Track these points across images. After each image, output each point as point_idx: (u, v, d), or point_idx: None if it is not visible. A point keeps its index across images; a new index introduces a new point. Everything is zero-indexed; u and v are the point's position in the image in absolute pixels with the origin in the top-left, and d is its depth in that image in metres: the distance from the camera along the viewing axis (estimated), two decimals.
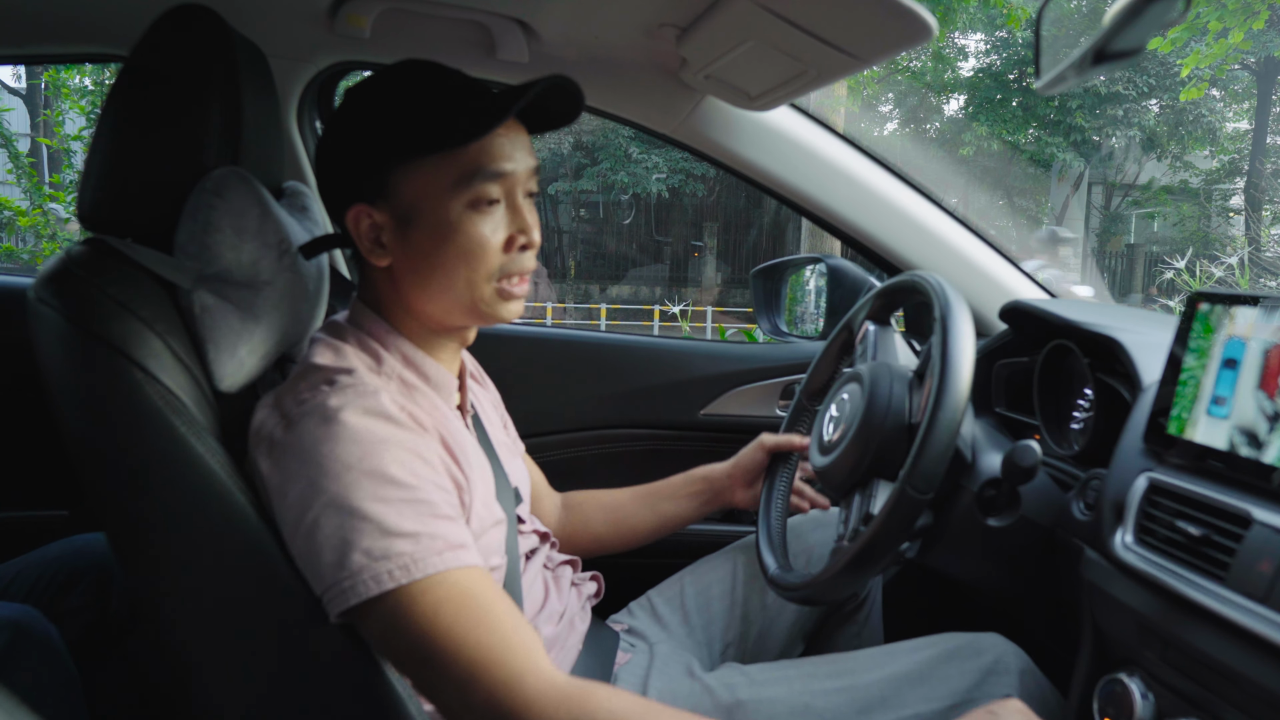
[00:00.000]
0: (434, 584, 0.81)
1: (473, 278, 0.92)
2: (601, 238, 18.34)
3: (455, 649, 0.80)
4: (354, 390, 0.86)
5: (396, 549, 0.80)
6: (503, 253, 0.94)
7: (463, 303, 0.94)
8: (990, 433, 1.23)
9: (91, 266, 0.86)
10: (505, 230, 0.94)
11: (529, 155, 0.95)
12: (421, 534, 0.82)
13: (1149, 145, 15.89)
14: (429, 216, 0.91)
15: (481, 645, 0.80)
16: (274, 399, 0.90)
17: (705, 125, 1.57)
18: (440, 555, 0.82)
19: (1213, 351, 0.89)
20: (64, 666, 1.06)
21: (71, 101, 6.56)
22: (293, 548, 0.83)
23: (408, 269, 0.94)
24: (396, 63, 0.96)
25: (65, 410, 0.85)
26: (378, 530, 0.80)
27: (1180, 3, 0.70)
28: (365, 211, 0.92)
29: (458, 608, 0.81)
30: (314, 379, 0.89)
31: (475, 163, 0.90)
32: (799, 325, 1.90)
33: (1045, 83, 0.93)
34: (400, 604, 0.80)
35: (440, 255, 0.92)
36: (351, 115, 0.94)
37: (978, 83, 16.32)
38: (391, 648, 0.83)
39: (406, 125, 0.90)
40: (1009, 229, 16.79)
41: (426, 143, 0.89)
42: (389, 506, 0.81)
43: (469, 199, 0.90)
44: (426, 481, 0.85)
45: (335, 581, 0.80)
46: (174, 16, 0.93)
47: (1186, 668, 0.82)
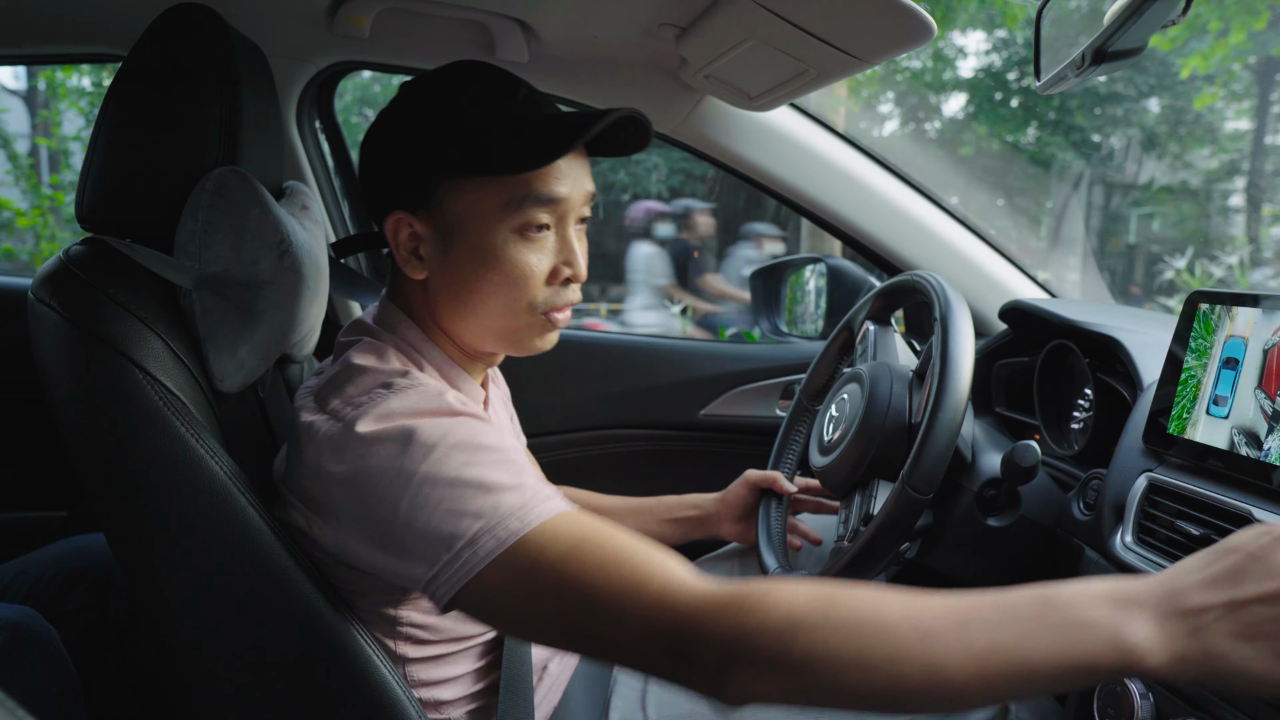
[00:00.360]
0: (552, 530, 0.74)
1: (512, 307, 0.89)
2: (602, 237, 18.33)
3: (594, 587, 0.71)
4: (417, 391, 0.82)
5: (507, 503, 0.75)
6: (545, 285, 0.89)
7: (496, 330, 0.91)
8: (990, 433, 1.23)
9: (91, 267, 0.86)
10: (551, 260, 0.89)
11: (587, 179, 0.90)
12: (524, 485, 0.77)
13: (1149, 145, 15.88)
14: (472, 237, 0.86)
15: (621, 576, 0.71)
16: (315, 401, 0.86)
17: (705, 125, 1.57)
18: (547, 502, 0.76)
19: (1213, 351, 0.89)
20: (64, 667, 1.05)
21: (70, 102, 6.57)
22: (386, 547, 0.77)
23: (444, 287, 0.90)
24: (455, 64, 0.91)
25: (64, 411, 0.85)
26: (481, 491, 0.75)
27: (1180, 2, 0.70)
28: (406, 220, 0.88)
29: (585, 548, 0.73)
30: (363, 382, 0.84)
31: (528, 186, 0.85)
32: (799, 325, 1.90)
33: (1045, 83, 0.93)
34: (527, 557, 0.73)
35: (479, 279, 0.87)
36: (403, 117, 0.89)
37: (978, 82, 16.31)
38: (525, 612, 0.74)
39: (461, 142, 0.85)
40: (1009, 229, 16.78)
41: (482, 164, 0.85)
42: (485, 468, 0.77)
43: (518, 224, 0.86)
44: (510, 446, 0.81)
45: (452, 556, 0.74)
46: (173, 16, 0.93)
47: None
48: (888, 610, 0.64)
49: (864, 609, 0.64)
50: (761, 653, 0.64)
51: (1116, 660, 0.60)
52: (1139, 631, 0.60)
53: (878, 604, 0.65)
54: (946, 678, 0.62)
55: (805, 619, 0.64)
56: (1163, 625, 0.60)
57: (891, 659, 0.62)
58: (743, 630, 0.65)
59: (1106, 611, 0.61)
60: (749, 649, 0.64)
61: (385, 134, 0.90)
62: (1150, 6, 0.69)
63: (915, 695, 0.62)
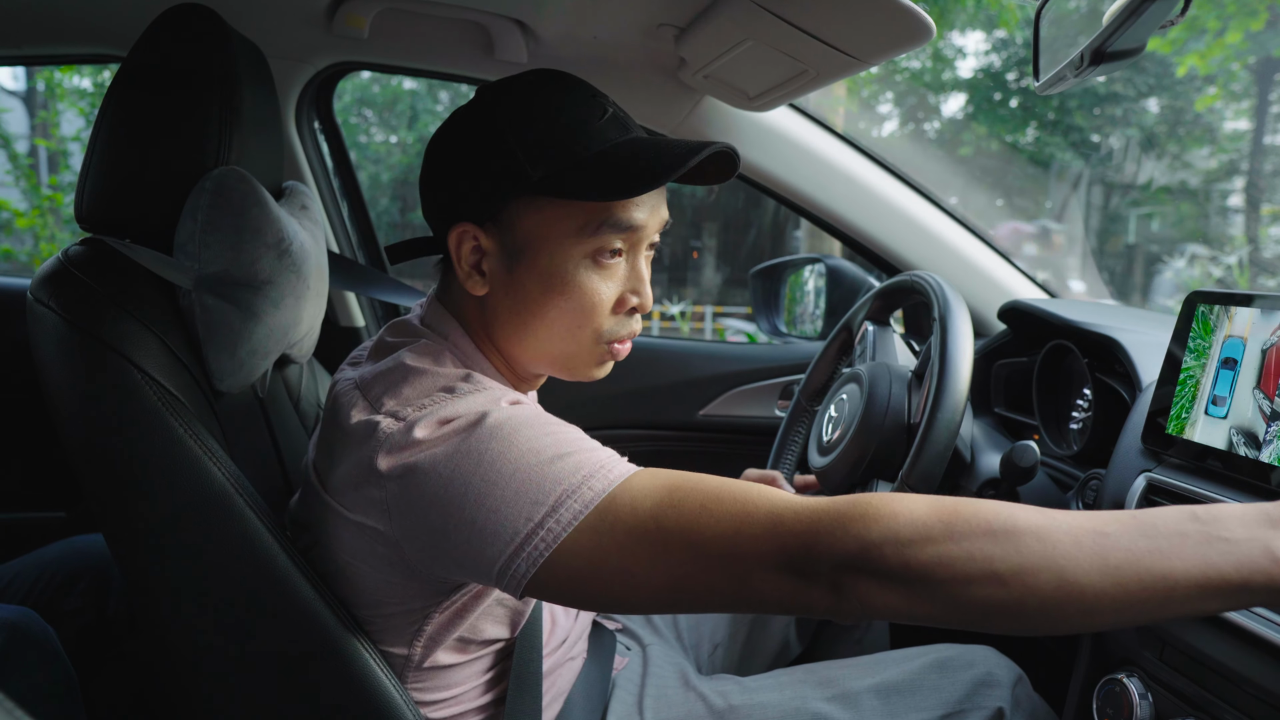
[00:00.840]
0: (639, 483, 0.71)
1: (575, 334, 0.86)
2: None
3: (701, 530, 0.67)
4: (483, 395, 0.79)
5: (587, 463, 0.72)
6: (611, 313, 0.86)
7: (555, 355, 0.88)
8: (989, 433, 1.23)
9: (90, 267, 0.86)
10: (620, 288, 0.86)
11: (662, 206, 0.87)
12: (596, 448, 0.75)
13: (1148, 145, 15.89)
14: (543, 259, 0.83)
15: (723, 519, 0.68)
16: (364, 400, 0.82)
17: (704, 125, 1.57)
18: (622, 461, 0.74)
19: (1211, 351, 0.89)
20: (62, 668, 1.05)
21: (69, 102, 6.56)
22: (459, 527, 0.72)
23: (504, 305, 0.86)
24: (538, 73, 0.87)
25: (63, 411, 0.85)
26: (558, 457, 0.72)
27: (1179, 3, 0.70)
28: (472, 233, 0.84)
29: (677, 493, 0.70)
30: (422, 384, 0.81)
31: (607, 211, 0.82)
32: (798, 325, 1.90)
33: (1044, 83, 0.93)
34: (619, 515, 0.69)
35: (545, 303, 0.84)
36: (481, 124, 0.84)
37: (977, 83, 16.32)
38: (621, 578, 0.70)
39: (545, 161, 0.81)
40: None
41: (565, 188, 0.81)
42: (556, 437, 0.74)
43: (592, 249, 0.83)
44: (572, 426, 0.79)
45: (536, 524, 0.70)
46: (173, 16, 0.93)
47: (1185, 668, 0.82)
48: (1017, 520, 0.61)
49: (992, 519, 0.62)
50: (885, 563, 0.62)
51: (1270, 578, 0.58)
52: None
53: (1007, 514, 0.62)
54: (1079, 591, 0.59)
55: (932, 528, 0.62)
56: None
57: (1021, 569, 0.60)
58: (865, 540, 0.62)
59: (1258, 529, 0.59)
60: (872, 559, 0.62)
61: (459, 140, 0.85)
62: (1149, 7, 0.69)
63: (1045, 610, 0.60)
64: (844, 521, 0.64)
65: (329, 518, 0.83)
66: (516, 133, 0.82)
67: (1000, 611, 0.61)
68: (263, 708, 0.87)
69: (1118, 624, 0.61)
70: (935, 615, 0.62)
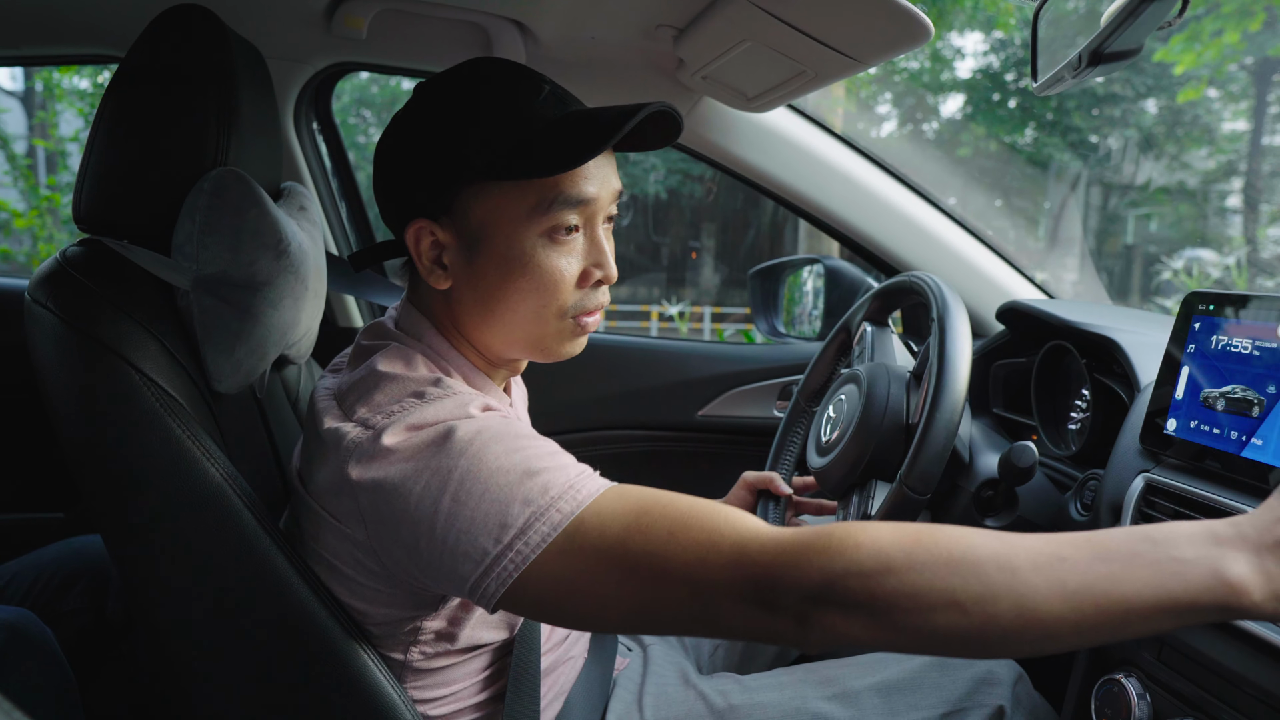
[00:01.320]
0: (609, 504, 0.71)
1: (541, 313, 0.86)
2: None
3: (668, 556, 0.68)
4: (451, 400, 0.79)
5: (556, 483, 0.72)
6: (576, 288, 0.86)
7: (525, 337, 0.88)
8: (988, 433, 1.23)
9: (88, 268, 0.86)
10: (581, 262, 0.86)
11: (614, 177, 0.87)
12: (568, 465, 0.74)
13: (1146, 146, 15.90)
14: (500, 243, 0.83)
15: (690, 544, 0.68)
16: (339, 408, 0.83)
17: (703, 126, 1.57)
18: (592, 479, 0.74)
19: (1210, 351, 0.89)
20: (60, 669, 1.05)
21: (68, 103, 6.56)
22: (430, 545, 0.73)
23: (469, 295, 0.87)
24: (470, 63, 0.87)
25: (61, 412, 0.85)
26: (527, 476, 0.72)
27: (1176, 4, 0.70)
28: (428, 228, 0.85)
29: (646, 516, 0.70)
30: (392, 390, 0.81)
31: (557, 188, 0.82)
32: (796, 326, 1.90)
33: (1042, 84, 0.93)
34: (587, 537, 0.70)
35: (508, 286, 0.84)
36: (420, 121, 0.85)
37: (975, 83, 16.33)
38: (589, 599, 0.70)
39: (486, 145, 0.81)
40: (1006, 229, 16.79)
41: (509, 168, 0.81)
42: (525, 453, 0.74)
43: (547, 227, 0.83)
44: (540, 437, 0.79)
45: (504, 546, 0.70)
46: (171, 17, 0.93)
47: (1183, 668, 0.82)
48: (977, 549, 0.62)
49: (953, 548, 0.63)
50: (850, 594, 0.62)
51: (1216, 597, 0.59)
52: (1237, 567, 0.59)
53: (967, 542, 0.63)
54: (1039, 616, 0.60)
55: (894, 559, 0.62)
56: (1260, 560, 0.60)
57: (982, 598, 0.61)
58: (829, 572, 0.63)
59: (1205, 549, 0.60)
60: (836, 591, 0.62)
61: (402, 139, 0.86)
62: (1147, 8, 0.69)
63: (1007, 635, 0.61)
64: (808, 554, 0.64)
65: (316, 523, 0.84)
66: (456, 123, 0.82)
67: (962, 639, 0.62)
68: (260, 708, 0.87)
69: (1078, 646, 0.62)
70: (900, 643, 0.63)
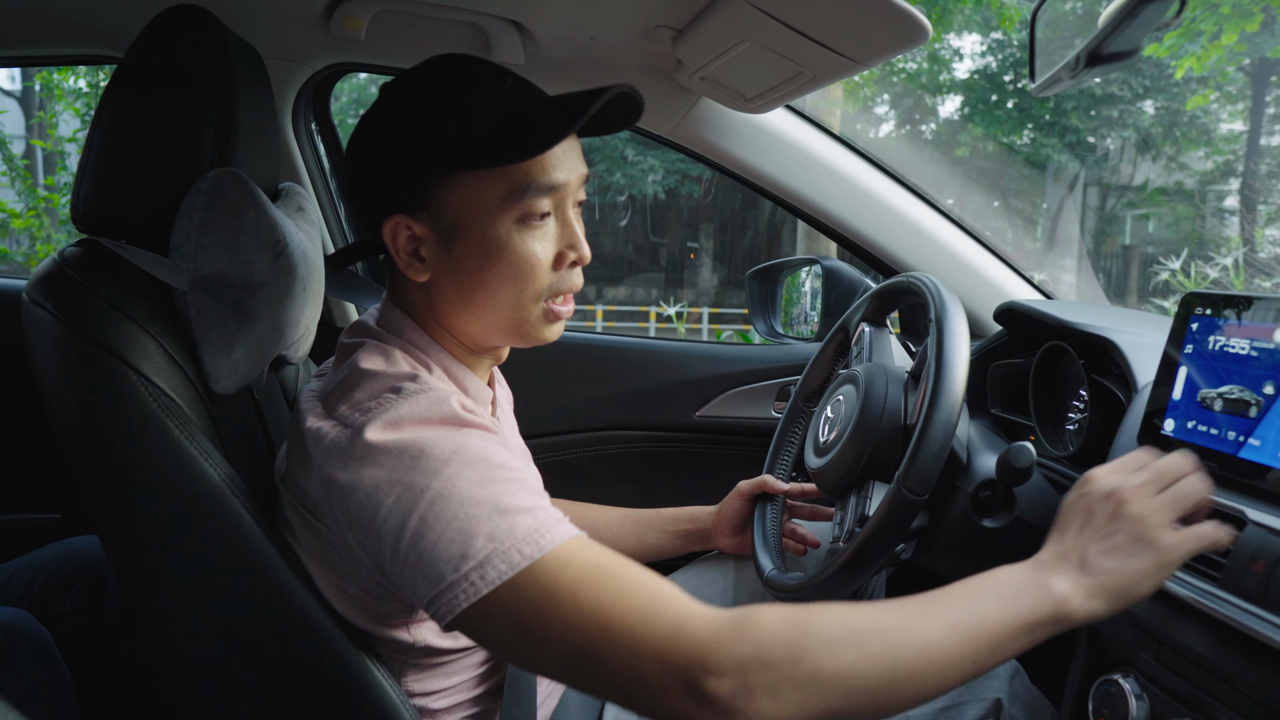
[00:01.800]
0: (564, 556, 0.73)
1: (520, 298, 0.88)
2: (598, 239, 18.35)
3: (609, 617, 0.70)
4: (426, 396, 0.81)
5: (521, 525, 0.74)
6: (552, 271, 0.89)
7: (505, 323, 0.90)
8: (985, 434, 1.23)
9: (85, 268, 0.86)
10: (555, 246, 0.89)
11: (580, 162, 0.90)
12: (536, 508, 0.76)
13: (1144, 146, 15.93)
14: (475, 232, 0.85)
15: (635, 606, 0.71)
16: (322, 406, 0.85)
17: (701, 127, 1.57)
18: (559, 526, 0.75)
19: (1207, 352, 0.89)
20: (57, 670, 1.05)
21: (66, 103, 6.55)
22: (394, 559, 0.75)
23: (449, 286, 0.89)
24: (435, 59, 0.89)
25: (59, 412, 0.85)
26: (495, 510, 0.74)
27: (1174, 4, 0.70)
28: (404, 223, 0.87)
29: (598, 575, 0.73)
30: (371, 386, 0.83)
31: (527, 175, 0.84)
32: (794, 327, 1.90)
33: (1040, 85, 0.94)
34: (538, 584, 0.72)
35: (486, 274, 0.86)
36: (391, 119, 0.87)
37: (973, 84, 16.35)
38: (534, 639, 0.73)
39: (454, 138, 0.84)
40: (1004, 230, 16.82)
41: (478, 157, 0.83)
42: (498, 486, 0.76)
43: (520, 214, 0.85)
44: (519, 463, 0.81)
45: (460, 576, 0.72)
46: (169, 17, 0.93)
47: (1181, 668, 0.82)
48: (870, 609, 0.72)
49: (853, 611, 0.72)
50: (774, 671, 0.67)
51: (1052, 611, 0.72)
52: (1058, 584, 0.73)
53: (861, 606, 0.73)
54: (934, 653, 0.70)
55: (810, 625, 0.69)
56: (1068, 574, 0.74)
57: (887, 647, 0.69)
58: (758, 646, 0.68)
59: (1031, 576, 0.74)
60: (765, 664, 0.67)
61: (373, 138, 0.88)
62: (1144, 9, 0.70)
63: (913, 678, 0.69)
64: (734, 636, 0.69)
65: (303, 523, 0.84)
66: (426, 118, 0.85)
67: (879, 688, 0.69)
68: (257, 707, 0.87)
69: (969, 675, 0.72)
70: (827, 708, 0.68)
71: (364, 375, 0.84)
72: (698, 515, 1.31)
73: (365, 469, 0.77)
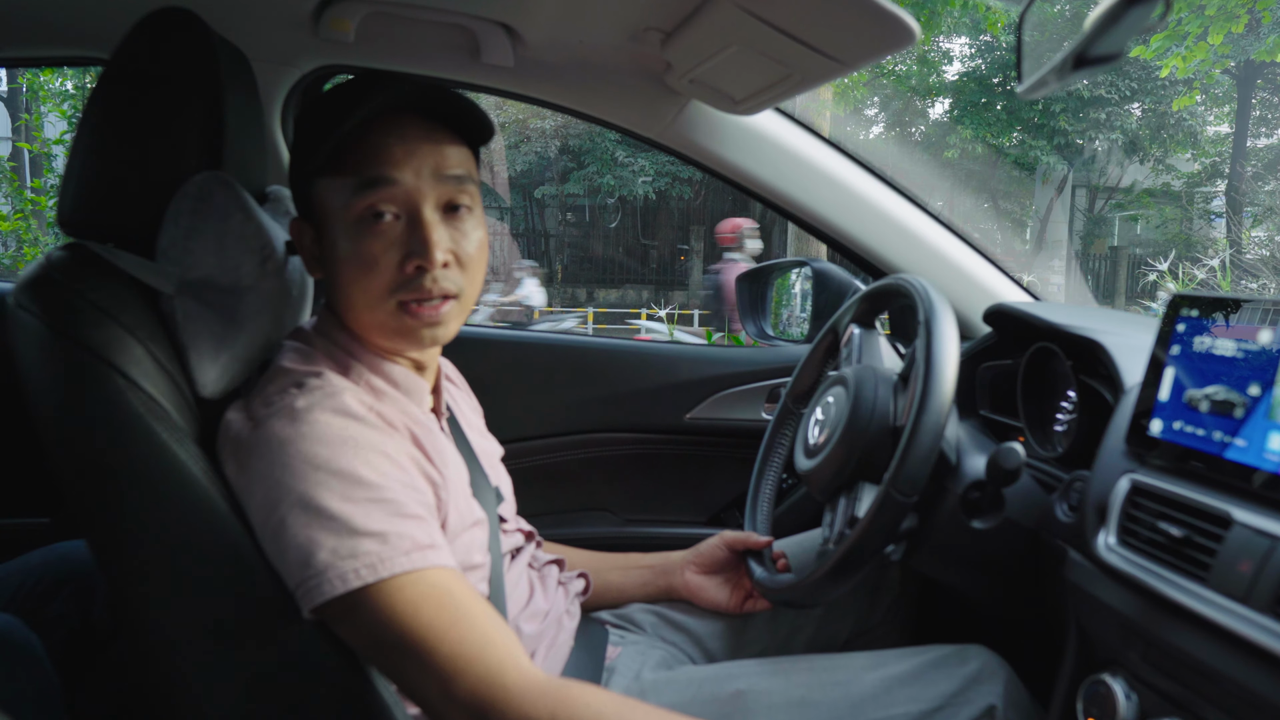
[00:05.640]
0: (405, 584, 0.80)
1: (367, 298, 0.90)
2: (588, 241, 18.35)
3: (433, 646, 0.79)
4: (321, 391, 0.86)
5: (363, 548, 0.80)
6: (398, 272, 0.89)
7: (370, 323, 0.93)
8: (974, 435, 1.24)
9: (72, 272, 0.86)
10: (400, 249, 0.89)
11: (435, 163, 0.90)
12: (389, 533, 0.81)
13: (1131, 148, 16.02)
14: (331, 233, 0.91)
15: (462, 642, 0.80)
16: (243, 403, 0.90)
17: (691, 129, 1.57)
18: (408, 555, 0.81)
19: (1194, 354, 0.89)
20: (45, 675, 1.05)
21: (52, 105, 6.52)
22: (263, 546, 0.83)
23: (329, 284, 0.95)
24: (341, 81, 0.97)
25: (46, 417, 0.84)
26: (345, 529, 0.80)
27: (1159, 7, 0.70)
28: (304, 226, 0.95)
29: (434, 606, 0.80)
30: (282, 381, 0.89)
31: (363, 173, 0.88)
32: (784, 329, 1.91)
33: (1027, 87, 0.94)
34: (371, 602, 0.79)
35: (341, 272, 0.91)
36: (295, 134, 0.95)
37: (962, 86, 16.42)
38: (367, 646, 0.82)
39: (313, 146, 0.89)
40: (993, 232, 16.89)
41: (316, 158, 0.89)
42: (355, 506, 0.81)
43: (357, 213, 0.88)
44: (394, 480, 0.85)
45: (302, 580, 0.80)
46: (155, 20, 0.93)
47: (1169, 668, 0.83)
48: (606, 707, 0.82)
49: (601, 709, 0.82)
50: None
51: None
52: None
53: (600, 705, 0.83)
54: None
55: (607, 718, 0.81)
56: None
57: None
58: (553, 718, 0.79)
59: None
60: None
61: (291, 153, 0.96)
62: (1130, 11, 0.70)
63: None
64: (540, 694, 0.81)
65: None
66: (300, 129, 0.93)
67: None
68: (247, 710, 0.87)
69: None
70: None
71: (278, 372, 0.91)
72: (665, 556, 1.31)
73: (248, 461, 0.83)
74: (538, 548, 1.19)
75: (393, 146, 0.88)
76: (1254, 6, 7.52)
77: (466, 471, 1.02)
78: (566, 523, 1.79)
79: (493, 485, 1.08)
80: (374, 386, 0.94)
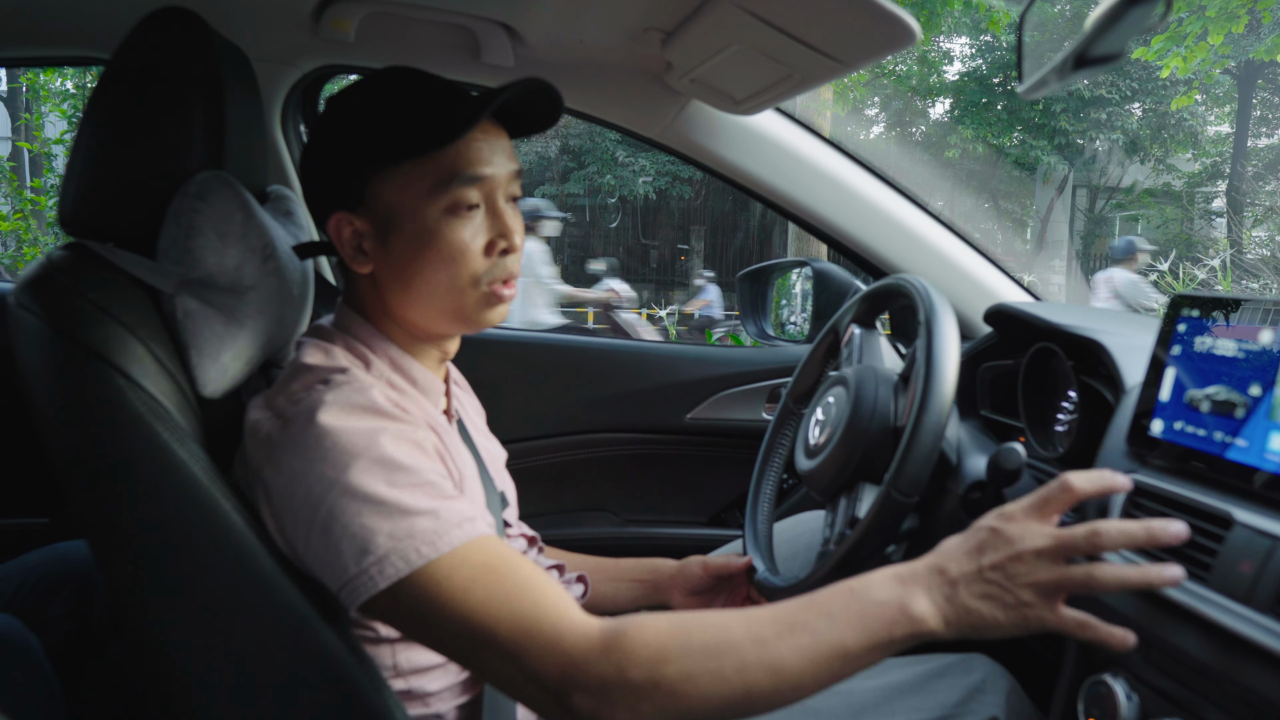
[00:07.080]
0: (461, 558, 0.80)
1: (454, 284, 0.92)
2: (589, 241, 18.34)
3: (495, 620, 0.78)
4: (349, 387, 0.86)
5: (420, 526, 0.80)
6: (484, 257, 0.93)
7: (446, 309, 0.94)
8: (975, 435, 1.24)
9: (73, 271, 0.86)
10: (486, 235, 0.93)
11: (509, 159, 0.95)
12: (439, 509, 0.81)
13: (1132, 148, 16.00)
14: (408, 223, 0.91)
15: (519, 613, 0.78)
16: (264, 400, 0.89)
17: (691, 129, 1.57)
18: (460, 527, 0.81)
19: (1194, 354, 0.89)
20: (45, 676, 1.05)
21: (52, 105, 6.53)
22: (307, 546, 0.82)
23: (390, 275, 0.93)
24: (378, 70, 0.95)
25: (46, 417, 0.84)
26: (397, 511, 0.80)
27: (1159, 7, 0.70)
28: (346, 219, 0.92)
29: (489, 578, 0.79)
30: (307, 378, 0.88)
31: (452, 167, 0.90)
32: (785, 329, 1.91)
33: (1028, 87, 0.94)
34: (432, 581, 0.79)
35: (420, 262, 0.91)
36: (331, 123, 0.94)
37: (963, 86, 16.41)
38: (430, 629, 0.81)
39: (382, 131, 0.90)
40: (994, 232, 16.88)
41: (402, 148, 0.89)
42: (402, 490, 0.81)
43: (447, 204, 0.90)
44: (427, 467, 0.85)
45: (361, 570, 0.79)
46: (156, 19, 0.93)
47: (1170, 668, 0.83)
48: (731, 629, 0.77)
49: (713, 631, 0.76)
50: (637, 686, 0.74)
51: (907, 629, 0.75)
52: (918, 603, 0.75)
53: (723, 625, 0.77)
54: (786, 676, 0.75)
55: (669, 649, 0.75)
56: (932, 595, 0.76)
57: (741, 669, 0.75)
58: (620, 668, 0.75)
59: (894, 590, 0.76)
60: (626, 685, 0.74)
61: (317, 145, 0.95)
62: (1130, 11, 0.70)
63: (765, 696, 0.75)
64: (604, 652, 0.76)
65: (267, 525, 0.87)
66: (359, 119, 0.92)
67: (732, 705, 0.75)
68: (247, 711, 0.87)
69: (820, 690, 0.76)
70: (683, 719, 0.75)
71: (301, 369, 0.90)
72: (658, 568, 1.29)
73: (286, 457, 0.82)
74: (540, 553, 1.19)
75: (479, 140, 0.92)
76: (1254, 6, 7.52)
77: (479, 476, 1.02)
78: (567, 523, 1.79)
79: (498, 490, 1.08)
80: (394, 384, 0.95)
